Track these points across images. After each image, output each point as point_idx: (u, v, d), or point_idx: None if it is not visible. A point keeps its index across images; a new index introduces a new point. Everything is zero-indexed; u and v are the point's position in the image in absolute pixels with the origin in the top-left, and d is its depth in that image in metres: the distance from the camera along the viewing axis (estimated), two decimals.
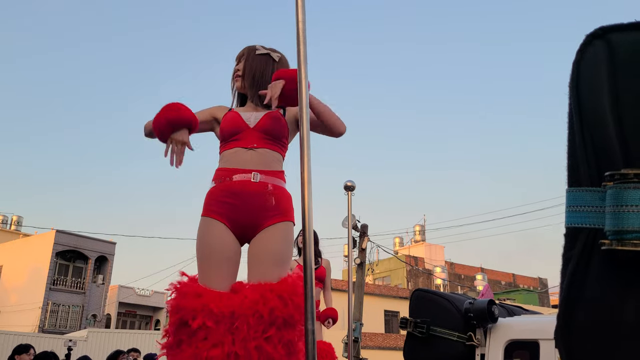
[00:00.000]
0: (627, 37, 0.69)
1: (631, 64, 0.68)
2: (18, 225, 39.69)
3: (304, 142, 1.93)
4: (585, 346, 0.67)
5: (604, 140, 0.68)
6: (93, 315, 33.97)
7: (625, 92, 0.67)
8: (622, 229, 0.63)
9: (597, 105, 0.69)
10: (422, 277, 39.35)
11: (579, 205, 0.70)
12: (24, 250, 34.67)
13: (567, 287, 0.69)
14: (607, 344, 0.64)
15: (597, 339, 0.66)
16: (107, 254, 35.60)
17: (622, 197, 0.64)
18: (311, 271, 1.87)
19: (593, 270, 0.67)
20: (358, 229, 13.68)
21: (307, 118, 1.98)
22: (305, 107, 2.00)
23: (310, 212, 1.89)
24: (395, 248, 45.04)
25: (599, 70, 0.70)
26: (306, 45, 2.01)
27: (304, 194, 1.90)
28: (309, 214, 1.88)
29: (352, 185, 5.70)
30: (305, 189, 1.90)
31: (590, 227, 0.68)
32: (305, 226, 1.90)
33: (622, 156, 0.67)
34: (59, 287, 32.87)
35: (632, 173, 0.63)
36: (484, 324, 3.56)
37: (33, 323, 31.33)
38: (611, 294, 0.66)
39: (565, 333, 0.69)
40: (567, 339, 0.68)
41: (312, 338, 1.78)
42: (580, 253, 0.69)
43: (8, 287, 34.43)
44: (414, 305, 3.86)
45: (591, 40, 0.71)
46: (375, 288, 30.72)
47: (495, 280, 43.96)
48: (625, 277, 0.65)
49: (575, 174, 0.71)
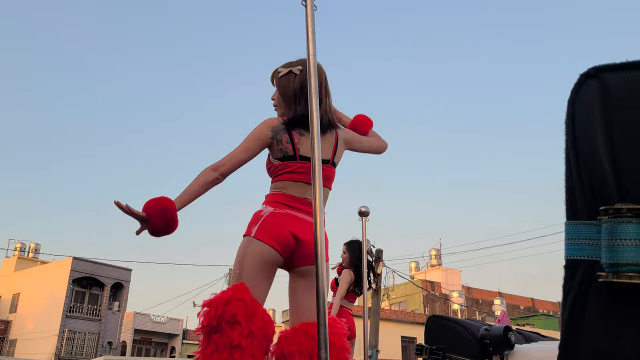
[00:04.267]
0: (619, 77, 0.73)
1: (624, 102, 0.71)
2: (35, 252, 40.08)
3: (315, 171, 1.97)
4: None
5: (599, 175, 0.71)
6: (109, 342, 33.97)
7: (618, 129, 0.71)
8: (618, 261, 0.65)
9: (592, 142, 0.72)
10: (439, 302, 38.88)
11: (577, 238, 0.72)
12: (41, 277, 34.96)
13: (567, 318, 0.71)
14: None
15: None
16: (123, 281, 35.74)
17: (617, 231, 0.66)
18: (324, 300, 1.89)
19: (592, 301, 0.70)
20: (373, 254, 13.62)
21: (319, 148, 2.02)
22: (317, 137, 2.05)
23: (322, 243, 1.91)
24: (411, 273, 44.65)
25: (593, 108, 0.73)
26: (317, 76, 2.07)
27: (316, 221, 1.93)
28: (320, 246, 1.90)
29: (367, 210, 5.71)
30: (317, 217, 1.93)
31: (589, 260, 0.71)
32: (318, 253, 1.92)
33: (617, 191, 0.69)
34: (75, 315, 33.00)
35: (626, 208, 0.66)
36: (501, 351, 3.52)
37: (49, 351, 31.39)
38: (609, 326, 0.68)
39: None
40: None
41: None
42: (579, 285, 0.71)
43: (25, 315, 34.63)
44: (430, 332, 3.83)
45: (585, 79, 0.75)
46: (391, 313, 30.40)
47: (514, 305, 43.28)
48: (622, 308, 0.67)
49: (573, 208, 0.74)
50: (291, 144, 2.41)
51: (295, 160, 2.41)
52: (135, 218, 2.26)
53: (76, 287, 33.67)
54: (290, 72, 2.52)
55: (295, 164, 2.41)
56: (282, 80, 2.52)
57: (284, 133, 2.42)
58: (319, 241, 1.94)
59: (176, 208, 2.28)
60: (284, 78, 2.52)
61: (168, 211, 2.24)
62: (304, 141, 2.43)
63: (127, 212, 2.24)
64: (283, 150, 2.42)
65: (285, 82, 2.51)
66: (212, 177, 2.34)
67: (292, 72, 2.52)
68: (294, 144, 2.41)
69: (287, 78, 2.51)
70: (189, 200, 2.34)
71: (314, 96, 2.06)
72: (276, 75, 2.56)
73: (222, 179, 2.38)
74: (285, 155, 2.41)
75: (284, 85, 2.51)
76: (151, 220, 2.24)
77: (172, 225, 2.29)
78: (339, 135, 2.57)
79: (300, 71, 2.50)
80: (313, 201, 1.98)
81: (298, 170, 2.41)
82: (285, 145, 2.42)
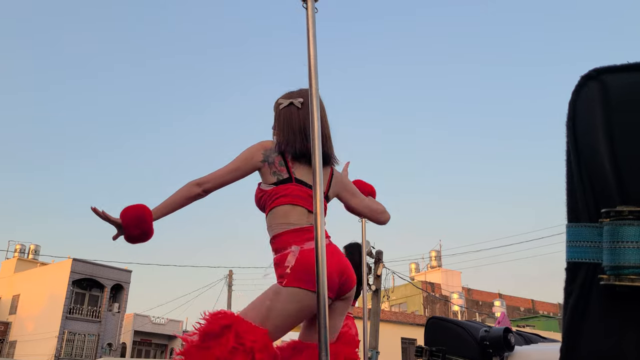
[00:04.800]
0: (619, 78, 0.72)
1: (624, 104, 0.71)
2: (35, 254, 40.07)
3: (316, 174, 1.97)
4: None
5: (601, 177, 0.71)
6: (109, 344, 33.95)
7: (619, 131, 0.70)
8: (619, 264, 0.65)
9: (593, 143, 0.72)
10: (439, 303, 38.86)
11: (578, 241, 0.72)
12: (41, 279, 34.95)
13: (569, 321, 0.71)
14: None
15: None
16: (123, 282, 35.73)
17: (618, 234, 0.66)
18: (324, 303, 1.89)
19: (593, 304, 0.69)
20: (373, 255, 13.62)
21: (319, 152, 2.02)
22: (317, 138, 2.04)
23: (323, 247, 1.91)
24: (411, 274, 44.64)
25: (593, 110, 0.73)
26: (317, 80, 2.07)
27: (317, 226, 1.93)
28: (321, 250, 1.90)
29: None
30: (318, 223, 1.93)
31: (590, 262, 0.71)
32: (319, 257, 1.92)
33: (618, 193, 0.69)
34: (75, 316, 32.98)
35: (627, 210, 0.66)
36: (500, 353, 3.52)
37: (49, 352, 31.37)
38: (611, 328, 0.67)
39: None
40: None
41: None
42: (580, 287, 0.71)
43: (25, 316, 34.61)
44: (429, 334, 3.83)
45: (586, 81, 0.75)
46: (391, 315, 30.37)
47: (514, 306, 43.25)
48: (624, 310, 0.67)
49: (574, 210, 0.74)
50: (285, 167, 2.33)
51: (291, 183, 2.31)
52: (112, 224, 2.27)
53: (76, 288, 33.65)
54: (292, 104, 2.47)
55: (291, 186, 2.30)
56: (283, 112, 2.46)
57: (276, 156, 2.35)
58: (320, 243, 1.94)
59: (153, 218, 2.28)
60: (286, 110, 2.46)
61: (144, 222, 2.26)
62: (298, 166, 2.34)
63: (103, 218, 2.26)
64: (277, 173, 2.33)
65: (287, 115, 2.44)
66: (194, 193, 2.32)
67: (293, 105, 2.46)
68: (289, 167, 2.33)
69: (288, 110, 2.45)
70: (168, 212, 2.33)
71: (315, 97, 2.06)
72: (277, 106, 2.51)
73: (205, 195, 2.35)
74: (279, 178, 2.31)
75: (285, 117, 2.44)
76: (127, 228, 2.25)
77: (147, 235, 2.30)
78: (335, 173, 2.52)
79: (302, 104, 2.44)
80: (314, 204, 1.98)
81: (295, 194, 2.29)
82: (279, 167, 2.33)
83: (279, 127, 2.46)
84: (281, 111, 2.48)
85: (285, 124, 2.43)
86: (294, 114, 2.44)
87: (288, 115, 2.45)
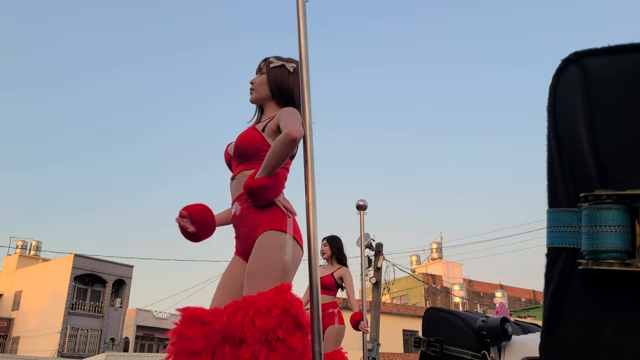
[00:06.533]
0: (600, 62, 0.72)
1: (604, 88, 0.70)
2: (37, 250, 40.12)
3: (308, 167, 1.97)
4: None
5: (580, 162, 0.70)
6: (111, 339, 34.06)
7: (599, 115, 0.70)
8: (597, 248, 0.65)
9: (573, 128, 0.72)
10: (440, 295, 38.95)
11: (558, 226, 0.72)
12: (43, 275, 35.01)
13: (549, 306, 0.71)
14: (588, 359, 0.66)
15: (578, 356, 0.67)
16: (125, 277, 35.79)
17: (597, 218, 0.65)
18: (317, 292, 1.89)
19: (573, 289, 0.69)
20: (373, 247, 13.63)
21: (311, 140, 2.02)
22: (309, 128, 2.04)
23: (316, 236, 1.91)
24: (412, 266, 44.71)
25: (574, 94, 0.72)
26: (309, 69, 2.06)
27: (308, 218, 1.93)
28: (314, 239, 1.90)
29: (364, 204, 5.72)
30: (310, 215, 1.92)
31: (570, 247, 0.70)
32: (311, 248, 1.92)
33: (598, 177, 0.69)
34: (77, 311, 33.08)
35: (605, 194, 0.65)
36: (498, 342, 3.53)
37: (52, 348, 31.48)
38: (590, 312, 0.67)
39: (549, 350, 0.70)
40: (551, 355, 0.70)
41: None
42: (560, 272, 0.71)
43: (27, 312, 34.72)
44: (427, 324, 3.84)
45: (566, 65, 0.74)
46: (392, 307, 30.44)
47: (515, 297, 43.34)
48: (603, 295, 0.67)
49: (555, 195, 0.73)
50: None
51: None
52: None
53: (78, 284, 33.72)
54: (284, 66, 2.46)
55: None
56: (274, 71, 2.44)
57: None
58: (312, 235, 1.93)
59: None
60: (277, 70, 2.44)
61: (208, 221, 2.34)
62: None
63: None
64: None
65: (278, 75, 2.43)
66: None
67: (285, 67, 2.45)
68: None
69: (279, 71, 2.44)
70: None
71: (306, 87, 2.05)
72: (267, 63, 2.48)
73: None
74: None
75: (276, 76, 2.43)
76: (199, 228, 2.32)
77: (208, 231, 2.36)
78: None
79: (294, 70, 2.44)
80: (306, 195, 1.97)
81: (287, 166, 2.35)
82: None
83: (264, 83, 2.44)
84: (272, 69, 2.45)
85: (274, 83, 2.42)
86: (285, 77, 2.42)
87: (279, 77, 2.43)
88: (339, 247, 5.47)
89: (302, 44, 2.05)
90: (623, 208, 0.65)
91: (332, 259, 5.42)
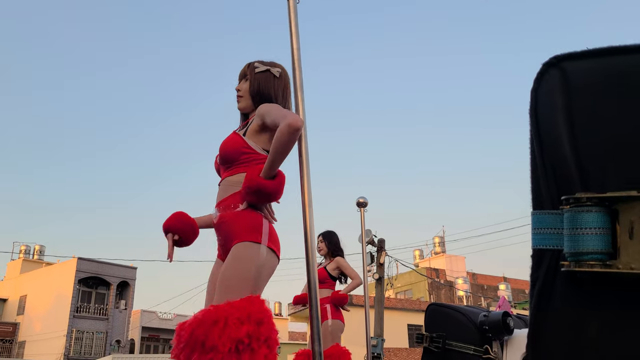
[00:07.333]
0: (580, 65, 0.73)
1: (584, 91, 0.71)
2: (41, 254, 40.22)
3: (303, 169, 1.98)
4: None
5: (562, 164, 0.72)
6: (117, 341, 34.16)
7: (579, 117, 0.71)
8: (579, 250, 0.66)
9: (554, 130, 0.73)
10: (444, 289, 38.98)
11: (542, 228, 0.73)
12: (47, 278, 35.11)
13: (535, 307, 0.72)
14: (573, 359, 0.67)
15: (563, 356, 0.68)
16: (129, 279, 35.88)
17: (577, 220, 0.66)
18: (315, 292, 1.90)
19: (557, 290, 0.70)
20: (375, 244, 13.65)
21: (306, 144, 2.03)
22: (304, 135, 2.05)
23: (312, 235, 1.92)
24: (415, 261, 44.75)
25: (554, 98, 0.73)
26: (302, 71, 2.07)
27: (305, 216, 1.94)
28: (311, 239, 1.91)
29: (365, 201, 5.73)
30: (307, 215, 1.94)
31: (554, 249, 0.71)
32: (308, 247, 1.93)
33: (579, 180, 0.70)
34: (82, 314, 33.18)
35: (585, 197, 0.66)
36: (500, 337, 3.54)
37: (58, 351, 31.59)
38: (575, 313, 0.68)
39: (535, 350, 0.71)
40: (538, 355, 0.71)
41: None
42: (545, 274, 0.72)
43: (33, 316, 34.82)
44: (429, 320, 3.85)
45: (547, 68, 0.75)
46: (397, 302, 30.49)
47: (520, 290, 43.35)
48: (586, 295, 0.68)
49: (538, 197, 0.74)
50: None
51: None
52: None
53: (82, 287, 33.81)
54: (269, 70, 2.41)
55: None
56: (260, 76, 2.39)
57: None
58: (309, 232, 1.95)
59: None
60: (262, 75, 2.40)
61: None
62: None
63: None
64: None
65: (264, 80, 2.39)
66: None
67: (270, 72, 2.41)
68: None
69: (265, 76, 2.40)
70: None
71: (300, 90, 2.06)
72: (252, 68, 2.42)
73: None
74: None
75: (261, 82, 2.38)
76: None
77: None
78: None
79: (279, 74, 2.41)
80: (302, 194, 1.99)
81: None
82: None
83: (250, 89, 2.39)
84: (257, 75, 2.40)
85: (260, 89, 2.37)
86: (271, 82, 2.39)
87: (265, 82, 2.38)
88: (335, 241, 5.45)
89: (295, 46, 2.06)
90: (603, 210, 0.66)
91: (329, 256, 5.41)
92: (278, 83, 2.40)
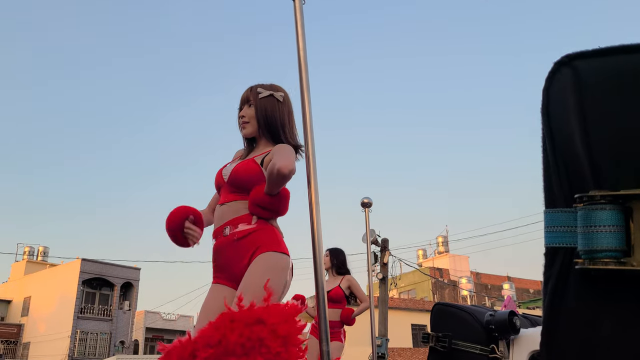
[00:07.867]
0: (591, 64, 0.73)
1: (596, 89, 0.72)
2: (44, 255, 40.30)
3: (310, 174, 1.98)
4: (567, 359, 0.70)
5: (575, 162, 0.72)
6: (121, 341, 34.21)
7: (591, 115, 0.71)
8: (593, 248, 0.66)
9: (567, 129, 0.73)
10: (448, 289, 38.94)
11: (555, 226, 0.73)
12: (51, 280, 35.17)
13: (548, 305, 0.72)
14: (586, 357, 0.67)
15: (577, 353, 0.68)
16: (132, 280, 35.92)
17: (591, 218, 0.67)
18: (323, 293, 1.90)
19: (571, 288, 0.70)
20: (379, 243, 13.64)
21: (314, 155, 2.03)
22: (311, 141, 2.05)
23: (320, 237, 1.92)
24: (419, 260, 44.72)
25: (566, 96, 0.73)
26: (308, 71, 2.07)
27: (312, 218, 1.95)
28: (318, 240, 1.92)
29: (369, 202, 5.74)
30: (314, 214, 1.94)
31: (567, 247, 0.71)
32: (315, 249, 1.93)
33: (592, 178, 0.70)
34: (86, 315, 33.24)
35: (599, 195, 0.67)
36: (506, 336, 3.54)
37: (62, 352, 31.65)
38: (587, 311, 0.68)
39: (549, 348, 0.72)
40: (551, 353, 0.71)
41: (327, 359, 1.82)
42: (558, 272, 0.72)
43: (37, 318, 34.89)
44: (435, 320, 3.85)
45: (558, 67, 0.75)
46: (400, 302, 30.49)
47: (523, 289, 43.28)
48: (599, 293, 0.68)
49: (551, 196, 0.75)
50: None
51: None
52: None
53: (86, 288, 33.87)
54: (272, 95, 2.39)
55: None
56: (264, 102, 2.37)
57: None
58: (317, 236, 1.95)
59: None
60: (267, 100, 2.38)
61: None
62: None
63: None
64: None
65: (270, 106, 2.37)
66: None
67: (273, 96, 2.39)
68: None
69: (269, 101, 2.38)
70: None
71: (306, 90, 2.06)
72: (255, 94, 2.40)
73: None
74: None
75: (267, 108, 2.37)
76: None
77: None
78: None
79: (283, 99, 2.40)
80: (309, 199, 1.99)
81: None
82: None
83: (255, 115, 2.37)
84: (262, 101, 2.38)
85: (266, 116, 2.36)
86: (276, 107, 2.38)
87: (270, 108, 2.37)
88: (342, 260, 5.41)
89: (301, 47, 2.06)
90: (617, 208, 0.66)
91: (332, 271, 5.38)
92: (283, 107, 2.39)
